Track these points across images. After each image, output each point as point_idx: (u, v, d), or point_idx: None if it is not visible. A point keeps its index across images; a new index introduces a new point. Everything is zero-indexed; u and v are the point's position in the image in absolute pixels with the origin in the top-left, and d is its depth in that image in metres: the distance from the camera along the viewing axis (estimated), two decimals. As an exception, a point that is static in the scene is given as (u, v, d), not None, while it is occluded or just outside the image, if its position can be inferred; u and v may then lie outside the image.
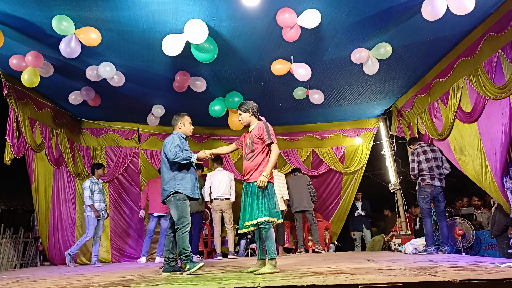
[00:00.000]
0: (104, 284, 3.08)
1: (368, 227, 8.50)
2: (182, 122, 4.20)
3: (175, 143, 3.94)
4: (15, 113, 5.37)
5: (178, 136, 4.08)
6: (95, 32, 4.28)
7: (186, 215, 3.89)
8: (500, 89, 4.32)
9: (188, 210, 3.95)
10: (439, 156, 5.57)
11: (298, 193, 6.83)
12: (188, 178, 4.00)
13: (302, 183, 6.91)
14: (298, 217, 6.82)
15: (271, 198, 3.62)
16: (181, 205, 3.90)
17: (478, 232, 5.89)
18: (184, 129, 4.19)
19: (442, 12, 3.92)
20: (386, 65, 5.31)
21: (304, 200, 6.78)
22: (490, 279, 2.34)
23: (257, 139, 3.73)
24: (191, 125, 4.26)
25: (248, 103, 3.91)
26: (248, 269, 3.67)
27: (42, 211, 6.17)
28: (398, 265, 3.54)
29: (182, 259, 3.81)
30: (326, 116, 7.83)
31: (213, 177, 6.55)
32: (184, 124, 4.20)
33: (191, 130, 4.25)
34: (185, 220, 3.87)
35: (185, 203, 3.92)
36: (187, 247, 3.81)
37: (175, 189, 3.91)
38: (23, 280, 3.88)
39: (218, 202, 6.44)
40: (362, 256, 5.28)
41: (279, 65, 5.11)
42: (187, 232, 3.86)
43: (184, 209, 3.90)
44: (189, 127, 4.23)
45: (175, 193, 3.90)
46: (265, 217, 3.52)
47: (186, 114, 4.26)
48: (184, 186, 3.93)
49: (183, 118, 4.21)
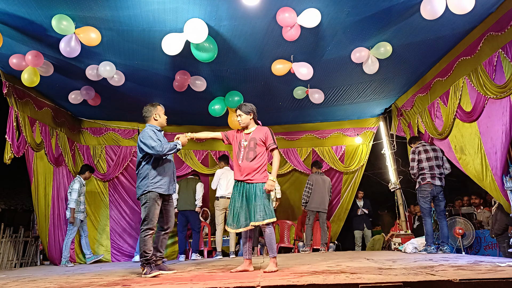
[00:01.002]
0: (104, 284, 3.08)
1: (369, 226, 8.50)
2: (157, 112, 3.97)
3: (153, 138, 3.74)
4: (15, 112, 5.37)
5: (151, 129, 3.87)
6: (95, 32, 4.28)
7: (152, 217, 3.73)
8: (500, 89, 4.32)
9: (156, 212, 3.76)
10: (440, 156, 5.58)
11: (321, 193, 6.90)
12: (164, 175, 3.84)
13: (327, 185, 7.02)
14: (312, 215, 6.85)
15: (270, 199, 3.70)
16: (149, 205, 3.73)
17: (478, 231, 5.89)
18: (160, 120, 3.99)
19: (441, 11, 3.92)
20: (386, 64, 5.31)
21: (325, 202, 6.91)
22: (490, 279, 2.34)
23: (260, 142, 3.77)
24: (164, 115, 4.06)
25: (250, 105, 3.90)
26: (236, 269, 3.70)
27: (41, 211, 6.17)
28: (398, 265, 3.54)
29: (142, 262, 3.69)
30: (326, 116, 7.82)
31: (222, 175, 6.56)
32: (159, 114, 3.99)
33: (165, 119, 4.05)
34: (150, 222, 3.72)
35: (155, 205, 3.74)
36: (148, 251, 3.68)
37: (148, 188, 3.75)
38: (23, 279, 3.88)
39: (224, 200, 6.45)
40: (362, 255, 5.28)
41: (280, 65, 5.10)
42: (150, 235, 3.71)
43: (151, 210, 3.73)
44: (164, 117, 4.04)
45: (147, 192, 3.75)
46: (272, 218, 3.60)
47: (159, 104, 4.04)
48: (158, 184, 3.77)
49: (156, 108, 3.97)
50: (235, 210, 3.72)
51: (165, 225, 4.01)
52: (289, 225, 7.81)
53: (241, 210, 3.69)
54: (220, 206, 6.47)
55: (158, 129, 3.98)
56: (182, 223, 6.61)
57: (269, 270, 3.41)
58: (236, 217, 3.69)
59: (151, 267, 3.65)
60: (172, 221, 4.07)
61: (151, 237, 3.75)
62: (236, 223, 3.68)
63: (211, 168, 7.97)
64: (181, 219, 6.59)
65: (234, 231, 3.73)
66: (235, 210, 3.72)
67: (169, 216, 4.04)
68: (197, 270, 3.99)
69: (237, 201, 3.73)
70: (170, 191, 3.92)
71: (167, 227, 4.01)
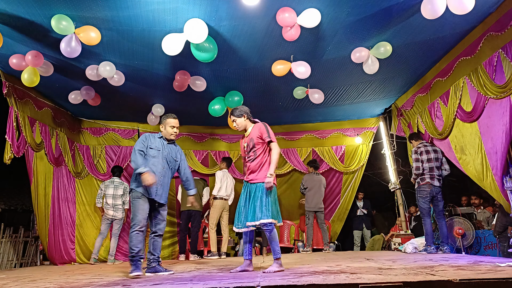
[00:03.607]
0: (104, 284, 3.08)
1: (368, 227, 8.51)
2: (164, 124, 4.10)
3: (139, 142, 3.92)
4: (15, 112, 5.37)
5: (146, 135, 4.04)
6: (95, 31, 4.27)
7: (137, 214, 3.78)
8: (501, 89, 4.32)
9: (141, 209, 3.80)
10: (440, 157, 5.58)
11: (316, 193, 6.95)
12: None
13: (321, 184, 7.08)
14: (311, 216, 6.90)
15: (274, 200, 3.67)
16: (134, 203, 3.83)
17: (478, 231, 5.89)
18: (164, 132, 4.10)
19: (441, 11, 3.91)
20: (386, 64, 5.31)
21: (321, 201, 6.97)
22: (490, 279, 2.33)
23: (258, 139, 3.76)
24: (174, 129, 4.08)
25: (240, 108, 3.94)
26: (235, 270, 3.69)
27: (41, 211, 6.17)
28: (398, 265, 3.54)
29: (129, 258, 3.75)
30: (326, 116, 7.82)
31: (223, 176, 6.62)
32: (165, 127, 4.09)
33: (171, 134, 4.08)
34: (135, 219, 3.77)
35: (138, 202, 3.81)
36: (135, 247, 3.71)
37: (131, 186, 3.88)
38: (23, 279, 3.88)
39: (222, 202, 6.52)
40: (362, 255, 5.28)
41: (280, 66, 5.10)
42: (136, 231, 3.74)
43: (136, 207, 3.81)
44: (170, 130, 4.07)
45: (131, 190, 3.87)
46: (268, 218, 3.54)
47: (172, 117, 4.11)
48: (140, 184, 3.80)
49: (165, 121, 4.09)
50: (239, 210, 3.76)
51: (153, 227, 4.02)
52: (289, 225, 7.81)
53: (244, 210, 3.72)
54: (217, 207, 6.48)
55: (159, 136, 4.10)
56: (185, 222, 6.60)
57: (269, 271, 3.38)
58: (240, 217, 3.73)
59: (135, 266, 3.68)
60: (160, 225, 4.04)
61: (138, 234, 3.76)
62: (240, 223, 3.72)
63: (211, 168, 7.97)
64: (184, 219, 6.58)
65: (239, 231, 3.74)
66: (240, 210, 3.76)
67: (157, 219, 4.03)
68: (197, 270, 3.99)
69: (242, 201, 3.78)
70: (153, 195, 3.88)
71: (154, 230, 4.01)
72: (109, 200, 6.43)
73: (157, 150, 3.98)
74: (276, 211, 3.66)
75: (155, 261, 3.93)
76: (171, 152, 4.10)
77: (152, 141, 3.99)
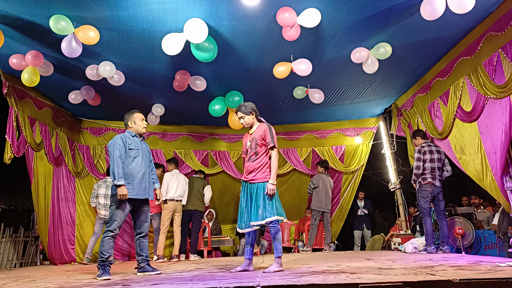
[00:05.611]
0: (104, 284, 3.08)
1: (369, 227, 8.51)
2: (132, 120, 4.05)
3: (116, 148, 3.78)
4: (15, 112, 5.36)
5: (120, 137, 3.91)
6: (93, 30, 4.26)
7: (116, 219, 3.72)
8: (500, 88, 4.32)
9: (120, 216, 3.74)
10: (442, 158, 5.54)
11: (325, 193, 6.93)
12: (131, 179, 3.82)
13: (330, 185, 7.08)
14: (317, 215, 6.88)
15: (277, 198, 3.68)
16: (112, 208, 3.76)
17: (478, 231, 5.89)
18: (135, 127, 4.05)
19: (441, 11, 3.91)
20: (386, 64, 5.31)
21: (329, 201, 6.98)
22: (490, 278, 2.33)
23: (260, 140, 3.75)
24: (144, 121, 4.07)
25: (249, 105, 3.89)
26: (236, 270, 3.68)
27: (41, 210, 6.17)
28: (398, 264, 3.54)
29: (98, 263, 3.68)
30: (326, 115, 7.82)
31: (171, 178, 6.34)
32: (135, 121, 4.05)
33: (143, 127, 4.07)
34: (112, 224, 3.71)
35: (120, 206, 3.73)
36: (105, 253, 3.67)
37: (114, 191, 3.77)
38: (23, 279, 3.88)
39: (173, 203, 6.24)
40: (362, 255, 5.28)
41: (281, 68, 5.08)
42: (109, 237, 3.70)
43: (115, 213, 3.73)
44: (141, 123, 4.05)
45: (114, 195, 3.77)
46: (274, 216, 3.55)
47: (137, 111, 4.10)
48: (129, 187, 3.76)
49: (133, 115, 4.05)
50: (241, 211, 3.75)
51: (138, 229, 4.00)
52: (289, 225, 7.81)
53: (246, 210, 3.71)
54: (168, 209, 6.21)
55: (132, 135, 4.05)
56: (186, 222, 6.59)
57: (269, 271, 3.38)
58: (242, 217, 3.73)
59: (104, 270, 3.63)
60: (145, 226, 4.02)
61: (111, 240, 3.72)
62: (244, 223, 3.71)
63: (211, 168, 7.97)
64: (185, 219, 6.56)
65: (243, 231, 3.73)
66: (241, 210, 3.76)
67: (141, 220, 4.00)
68: (197, 270, 3.99)
69: (243, 202, 3.77)
70: (139, 195, 3.86)
71: (140, 231, 3.99)
72: (101, 199, 6.40)
73: (137, 149, 3.96)
74: (280, 208, 3.67)
75: (143, 261, 3.94)
76: (146, 147, 4.15)
77: (130, 142, 3.95)
